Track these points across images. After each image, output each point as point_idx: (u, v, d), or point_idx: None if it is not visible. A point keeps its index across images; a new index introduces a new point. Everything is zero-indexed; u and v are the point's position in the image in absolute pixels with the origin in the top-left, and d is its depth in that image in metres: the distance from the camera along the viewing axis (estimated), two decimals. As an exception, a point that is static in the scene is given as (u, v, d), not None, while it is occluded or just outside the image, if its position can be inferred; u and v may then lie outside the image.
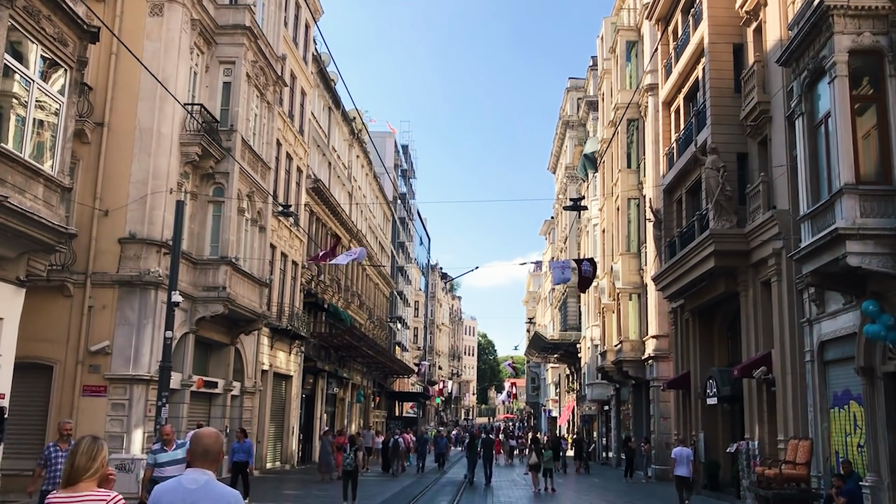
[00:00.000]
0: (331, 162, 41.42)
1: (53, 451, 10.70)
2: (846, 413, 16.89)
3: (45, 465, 10.64)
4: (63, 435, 10.97)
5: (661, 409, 31.67)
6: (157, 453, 11.34)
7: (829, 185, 15.62)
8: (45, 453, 10.76)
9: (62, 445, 10.73)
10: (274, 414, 31.21)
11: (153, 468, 11.06)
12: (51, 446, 10.83)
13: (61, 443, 10.82)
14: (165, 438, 11.51)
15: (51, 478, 10.47)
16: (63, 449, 10.60)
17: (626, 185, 36.12)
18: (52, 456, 10.61)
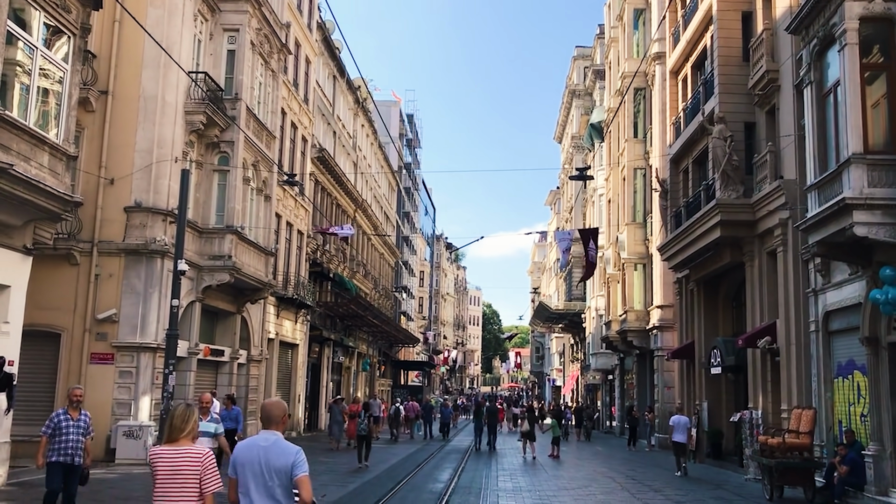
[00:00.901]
0: (336, 131, 41.27)
1: (64, 419, 9.85)
2: (850, 383, 16.94)
3: (53, 434, 9.82)
4: (73, 402, 10.05)
5: (664, 379, 31.82)
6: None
7: (837, 154, 15.51)
8: (52, 421, 9.88)
9: (72, 413, 9.94)
10: (280, 382, 31.45)
11: None
12: (60, 413, 9.93)
13: (71, 410, 9.99)
14: (203, 406, 10.65)
15: (60, 448, 9.78)
16: (74, 418, 9.85)
17: (633, 154, 35.96)
18: (63, 425, 9.80)
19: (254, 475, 5.29)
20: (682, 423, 21.98)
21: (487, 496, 15.64)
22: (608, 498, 15.87)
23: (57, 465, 9.75)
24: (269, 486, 5.25)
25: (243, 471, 5.32)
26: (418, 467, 21.39)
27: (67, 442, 9.77)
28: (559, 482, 18.74)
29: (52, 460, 9.72)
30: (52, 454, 9.74)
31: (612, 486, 18.14)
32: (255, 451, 5.34)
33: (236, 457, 5.41)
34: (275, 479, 5.26)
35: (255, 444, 5.39)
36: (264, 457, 5.30)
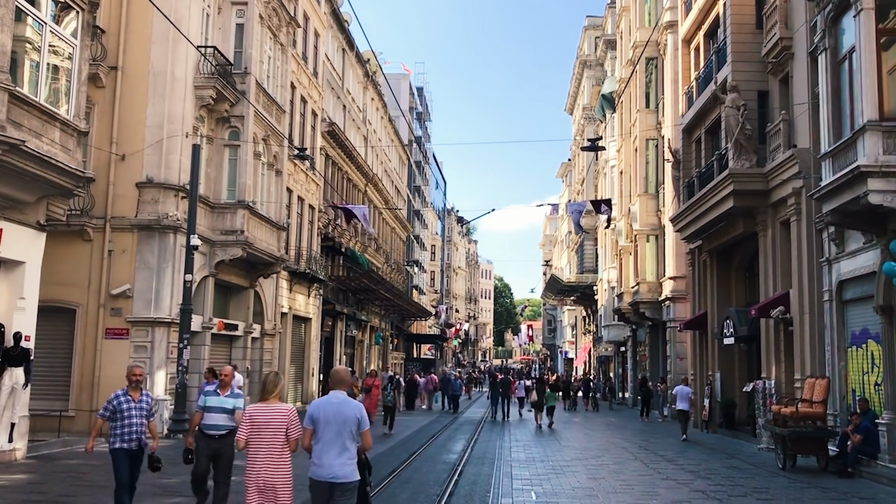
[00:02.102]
0: (345, 105, 41.12)
1: (124, 400, 8.93)
2: (864, 352, 16.91)
3: (112, 417, 8.89)
4: (133, 382, 9.06)
5: (677, 350, 31.84)
6: (207, 395, 9.71)
7: (852, 122, 15.36)
8: (110, 404, 8.92)
9: (133, 394, 9.01)
10: (294, 356, 31.66)
11: (203, 412, 9.55)
12: (120, 395, 8.98)
13: (132, 391, 9.02)
14: (223, 380, 9.70)
15: (123, 433, 8.85)
16: (135, 399, 8.97)
17: (645, 125, 35.69)
18: (124, 408, 8.88)
19: (327, 425, 6.61)
20: (684, 392, 23.99)
21: (501, 466, 15.74)
22: (621, 468, 15.96)
23: (122, 451, 8.89)
24: (341, 434, 6.61)
25: (319, 422, 6.64)
26: (432, 438, 21.55)
27: (130, 426, 8.92)
28: (572, 452, 18.85)
29: (115, 447, 8.87)
30: (115, 440, 8.89)
31: (625, 455, 18.23)
32: (329, 407, 6.69)
33: (313, 411, 6.72)
34: (344, 429, 6.62)
35: (329, 401, 6.76)
36: (337, 411, 6.65)
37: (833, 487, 13.58)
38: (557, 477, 14.33)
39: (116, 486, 8.89)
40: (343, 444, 6.62)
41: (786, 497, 12.44)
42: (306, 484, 6.71)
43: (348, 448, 6.64)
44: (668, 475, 14.84)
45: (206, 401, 9.63)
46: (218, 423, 9.56)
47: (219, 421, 9.55)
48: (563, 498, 11.96)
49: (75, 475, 13.14)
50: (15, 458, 14.52)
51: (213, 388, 9.77)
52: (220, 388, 9.69)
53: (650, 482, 13.90)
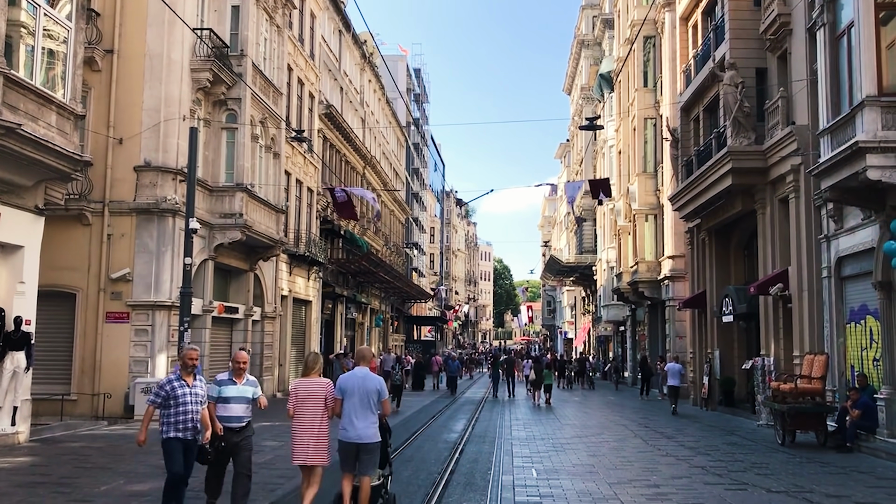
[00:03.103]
0: (343, 87, 40.97)
1: (178, 385, 8.31)
2: (862, 328, 16.96)
3: (164, 404, 8.28)
4: (188, 365, 8.47)
5: (676, 329, 31.93)
6: (223, 385, 8.79)
7: (851, 97, 15.34)
8: (163, 389, 8.31)
9: (187, 379, 8.41)
10: (295, 338, 31.73)
11: (216, 402, 8.64)
12: (173, 380, 8.37)
13: (186, 375, 8.43)
14: (238, 368, 8.90)
15: (178, 421, 8.22)
16: (190, 385, 8.37)
17: (643, 104, 35.59)
18: (178, 394, 8.26)
19: (353, 395, 8.03)
20: (675, 369, 25.57)
21: (502, 445, 15.82)
22: (621, 444, 16.05)
23: (177, 442, 8.20)
24: (365, 402, 8.03)
25: (346, 393, 8.09)
26: (433, 418, 21.65)
27: (186, 413, 8.26)
28: (572, 430, 18.94)
29: (169, 436, 8.20)
30: (168, 429, 8.20)
31: (624, 433, 18.32)
32: (355, 380, 8.14)
33: (342, 384, 8.18)
34: (367, 399, 8.04)
35: (355, 375, 8.22)
36: (362, 383, 8.10)
37: (832, 462, 13.67)
38: (558, 454, 14.41)
39: (168, 479, 8.19)
40: (366, 411, 8.03)
41: (785, 472, 12.52)
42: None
43: (371, 415, 8.06)
44: (667, 452, 14.93)
45: (223, 391, 8.72)
46: (239, 415, 8.70)
47: (239, 412, 8.69)
48: (564, 475, 12.03)
49: (78, 458, 13.21)
50: (18, 442, 14.59)
51: (227, 377, 8.86)
52: (236, 377, 8.81)
53: (650, 458, 13.99)
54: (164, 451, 8.23)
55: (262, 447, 14.69)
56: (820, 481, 11.59)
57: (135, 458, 13.07)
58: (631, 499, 10.04)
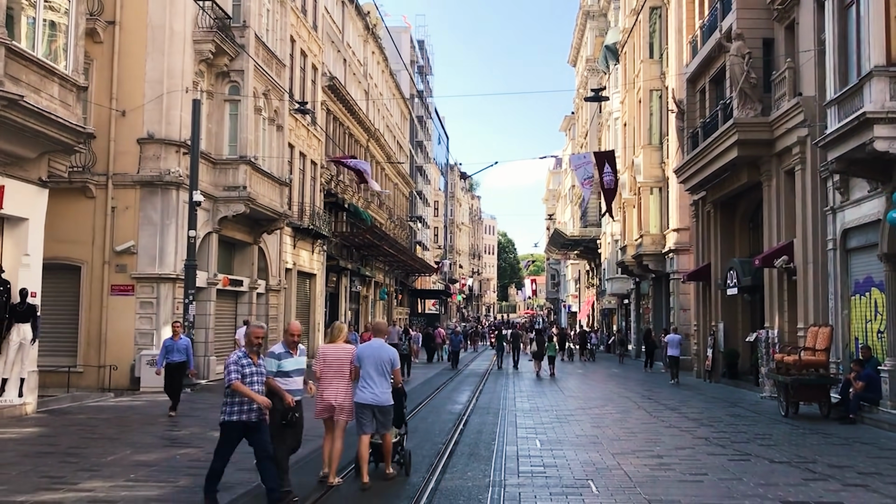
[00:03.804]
0: (346, 59, 40.69)
1: (246, 364, 7.82)
2: (867, 300, 16.94)
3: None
4: (255, 344, 8.02)
5: (680, 302, 31.95)
6: (282, 358, 8.52)
7: (859, 68, 15.19)
8: (238, 365, 7.78)
9: (254, 359, 7.94)
10: (300, 311, 31.80)
11: (274, 377, 8.31)
12: (241, 358, 7.85)
13: (253, 354, 7.96)
14: (292, 339, 8.59)
15: (241, 401, 7.75)
16: (256, 363, 7.91)
17: (649, 75, 35.30)
18: (247, 373, 7.78)
19: (370, 363, 9.01)
20: (674, 340, 26.68)
21: (505, 416, 15.90)
22: (625, 416, 16.11)
23: (240, 425, 7.78)
24: (380, 370, 9.00)
25: (364, 361, 9.05)
26: (438, 390, 21.75)
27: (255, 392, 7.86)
28: (576, 402, 19.02)
29: (232, 419, 7.73)
30: (233, 411, 7.73)
31: (628, 405, 18.40)
32: (372, 350, 9.12)
33: (360, 353, 9.14)
34: (382, 366, 9.02)
35: (371, 346, 9.21)
36: (377, 353, 9.08)
37: (835, 433, 13.72)
38: (561, 425, 14.48)
39: (215, 463, 7.82)
40: (381, 377, 9.00)
41: (788, 443, 12.57)
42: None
43: (385, 381, 9.02)
44: (671, 423, 14.98)
45: (282, 364, 8.44)
46: (300, 387, 8.60)
47: (300, 384, 8.58)
48: (568, 445, 12.09)
49: (85, 428, 13.31)
50: (26, 413, 14.70)
51: (283, 350, 8.56)
52: (291, 348, 8.58)
53: (653, 430, 14.04)
54: (222, 435, 7.85)
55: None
56: (823, 452, 11.63)
57: (141, 429, 13.18)
58: (634, 469, 10.09)
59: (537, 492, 8.79)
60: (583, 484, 9.23)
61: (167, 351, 15.03)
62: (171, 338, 15.39)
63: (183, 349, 15.13)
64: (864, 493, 8.78)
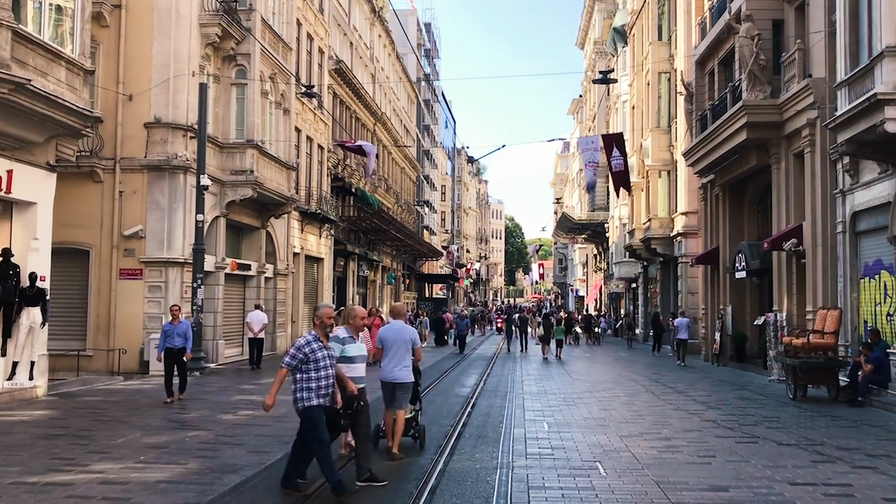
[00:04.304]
0: (352, 42, 40.55)
1: (318, 348, 7.63)
2: (876, 283, 16.87)
3: (302, 368, 7.60)
4: (327, 326, 7.85)
5: (688, 285, 31.88)
6: (346, 343, 8.47)
7: (870, 48, 15.04)
8: (300, 352, 7.58)
9: (324, 342, 7.80)
10: (307, 295, 31.88)
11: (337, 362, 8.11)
12: (311, 341, 7.65)
13: (323, 337, 7.80)
14: (360, 324, 8.48)
15: (318, 386, 7.59)
16: (326, 346, 7.76)
17: (657, 57, 35.07)
18: (318, 356, 7.60)
19: (391, 344, 9.53)
20: (683, 323, 27.32)
21: (513, 399, 15.92)
22: (632, 399, 16.12)
23: (320, 410, 7.61)
24: (401, 350, 9.51)
25: (386, 342, 9.58)
26: (445, 373, 21.79)
27: (327, 378, 7.67)
28: (583, 385, 19.03)
29: (312, 404, 7.54)
30: (310, 396, 7.54)
31: (636, 388, 18.40)
32: (393, 331, 9.64)
33: (382, 335, 9.69)
34: (403, 346, 9.52)
35: (393, 328, 9.76)
36: (398, 334, 9.61)
37: (843, 416, 13.69)
38: (569, 408, 14.49)
39: (318, 447, 7.59)
40: (402, 357, 9.51)
41: (796, 425, 12.56)
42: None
43: (405, 360, 9.53)
44: (678, 406, 14.99)
45: (346, 349, 8.28)
46: (363, 374, 8.59)
47: (363, 371, 8.58)
48: (575, 428, 12.11)
49: (95, 411, 13.38)
50: (36, 396, 14.79)
51: (346, 335, 8.41)
52: (354, 334, 8.46)
53: (661, 412, 14.05)
54: (308, 421, 7.57)
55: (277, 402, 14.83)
56: (831, 434, 11.62)
57: (151, 412, 13.25)
58: (642, 451, 10.10)
59: (545, 473, 8.81)
60: (590, 465, 9.25)
61: (166, 336, 14.67)
62: (171, 322, 14.92)
63: (182, 333, 14.70)
64: (872, 475, 8.77)
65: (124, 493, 7.73)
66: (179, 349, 14.62)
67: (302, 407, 7.60)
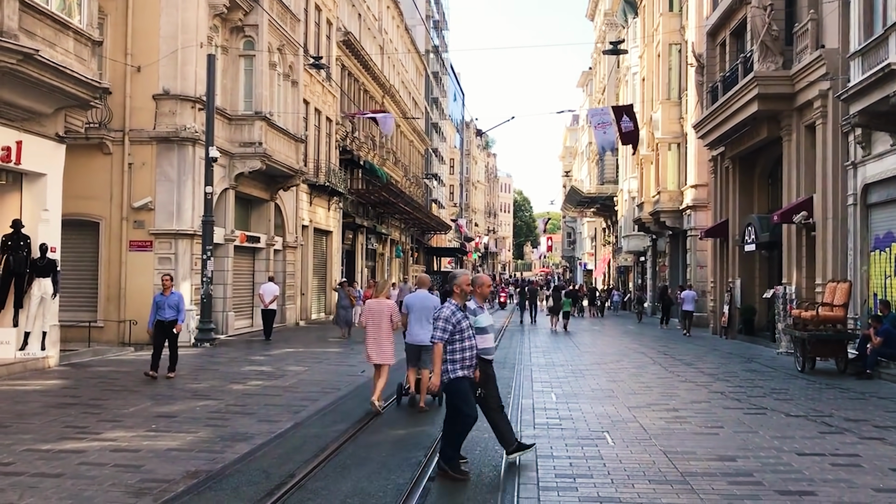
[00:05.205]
0: (360, 13, 40.26)
1: (462, 318, 7.34)
2: (887, 255, 16.79)
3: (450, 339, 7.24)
4: (468, 294, 7.63)
5: (697, 258, 31.82)
6: (477, 314, 7.85)
7: (885, 18, 14.88)
8: (449, 323, 7.23)
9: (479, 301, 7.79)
10: (316, 268, 31.98)
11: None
12: (455, 311, 7.32)
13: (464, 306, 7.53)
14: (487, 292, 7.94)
15: (462, 357, 7.24)
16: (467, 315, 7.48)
17: (668, 28, 34.72)
18: (464, 326, 7.29)
19: (416, 311, 10.95)
20: (689, 296, 28.34)
21: (521, 370, 15.98)
22: (640, 371, 16.16)
23: (466, 381, 7.30)
24: (425, 316, 10.68)
25: (411, 309, 11.00)
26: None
27: (472, 349, 7.33)
28: (592, 357, 19.09)
29: (458, 376, 7.22)
30: (455, 367, 7.21)
31: (644, 360, 18.44)
32: (417, 299, 11.03)
33: (408, 302, 11.09)
34: (426, 313, 10.69)
35: (418, 296, 11.12)
36: (421, 302, 10.98)
37: (851, 388, 13.70)
38: (577, 380, 14.55)
39: (464, 423, 7.28)
40: (425, 322, 10.62)
41: (804, 397, 12.58)
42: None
43: (428, 324, 10.35)
44: (686, 378, 15.02)
45: (478, 320, 7.76)
46: (493, 345, 8.17)
47: (493, 341, 8.14)
48: (583, 399, 12.16)
49: (107, 381, 13.50)
50: (48, 366, 14.93)
51: (475, 305, 7.86)
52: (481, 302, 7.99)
53: (669, 384, 14.08)
54: (455, 393, 7.25)
55: (286, 371, 14.98)
56: (839, 406, 11.63)
57: (162, 382, 13.35)
58: (650, 422, 10.14)
59: (553, 443, 8.87)
60: (598, 436, 9.29)
61: (157, 307, 13.87)
62: (162, 293, 14.08)
63: (174, 305, 13.90)
64: (880, 446, 8.79)
65: (136, 460, 7.82)
66: (170, 321, 13.85)
67: (447, 379, 7.27)
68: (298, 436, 9.17)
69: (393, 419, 10.42)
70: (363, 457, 8.14)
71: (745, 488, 6.96)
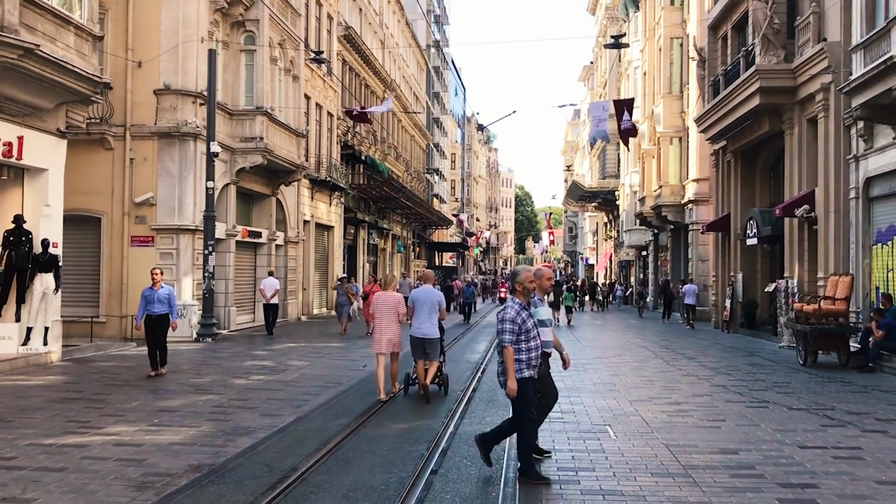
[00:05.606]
0: (361, 8, 40.21)
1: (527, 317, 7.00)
2: (889, 249, 16.77)
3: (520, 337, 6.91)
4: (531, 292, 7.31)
5: (699, 253, 31.80)
6: (537, 307, 7.68)
7: (887, 10, 14.85)
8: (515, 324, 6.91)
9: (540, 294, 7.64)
10: (318, 263, 32.00)
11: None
12: (520, 310, 6.98)
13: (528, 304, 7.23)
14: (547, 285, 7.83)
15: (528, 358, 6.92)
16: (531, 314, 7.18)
17: (669, 22, 34.66)
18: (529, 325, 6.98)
19: (421, 304, 11.25)
20: (691, 289, 28.67)
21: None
22: (642, 365, 16.16)
23: (531, 382, 7.00)
24: (430, 310, 11.24)
25: (416, 302, 11.28)
26: (456, 340, 21.88)
27: (537, 349, 7.04)
28: (594, 352, 19.09)
29: (524, 376, 6.90)
30: (521, 367, 6.89)
31: (645, 354, 18.44)
32: (423, 294, 11.36)
33: (413, 296, 11.39)
34: (431, 306, 11.23)
35: (423, 290, 11.47)
36: (426, 296, 11.32)
37: (853, 381, 13.69)
38: (579, 374, 14.54)
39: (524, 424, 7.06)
40: (431, 315, 11.23)
41: (806, 390, 12.57)
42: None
43: (433, 318, 11.25)
44: (688, 371, 15.02)
45: (538, 313, 7.55)
46: (550, 339, 7.91)
47: (551, 335, 7.93)
48: (585, 393, 12.16)
49: (109, 376, 13.51)
50: (51, 361, 14.95)
51: (535, 298, 7.60)
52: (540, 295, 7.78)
53: (671, 378, 14.08)
54: (521, 395, 6.89)
55: (288, 366, 14.98)
56: (841, 399, 11.63)
57: (164, 377, 13.36)
58: (652, 415, 10.14)
59: (556, 436, 8.87)
60: (601, 429, 9.30)
61: (146, 302, 13.43)
62: (151, 287, 13.61)
63: (164, 299, 13.51)
64: (883, 439, 8.79)
65: (139, 454, 7.83)
66: (159, 316, 13.46)
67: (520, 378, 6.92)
68: (301, 430, 9.18)
69: (395, 413, 10.43)
70: (365, 450, 8.15)
71: (748, 481, 6.96)
